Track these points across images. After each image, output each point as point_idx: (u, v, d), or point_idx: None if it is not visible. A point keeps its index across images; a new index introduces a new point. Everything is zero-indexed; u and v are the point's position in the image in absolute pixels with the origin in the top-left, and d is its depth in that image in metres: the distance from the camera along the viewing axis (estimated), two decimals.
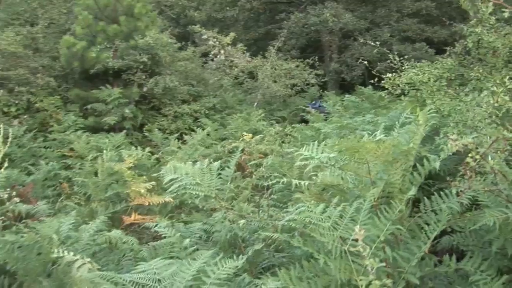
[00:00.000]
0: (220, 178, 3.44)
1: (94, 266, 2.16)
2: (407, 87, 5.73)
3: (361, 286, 1.88)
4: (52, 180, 7.49)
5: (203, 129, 9.21)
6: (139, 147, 7.52)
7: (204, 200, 3.22)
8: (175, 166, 3.41)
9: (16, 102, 10.44)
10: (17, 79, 10.67)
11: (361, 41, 8.79)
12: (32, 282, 3.46)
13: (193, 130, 9.70)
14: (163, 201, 5.98)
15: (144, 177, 6.28)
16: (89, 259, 2.21)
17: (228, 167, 3.60)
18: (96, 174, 6.71)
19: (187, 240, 2.84)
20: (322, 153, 2.73)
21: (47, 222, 3.72)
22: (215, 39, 13.68)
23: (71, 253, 2.33)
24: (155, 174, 5.42)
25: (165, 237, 3.99)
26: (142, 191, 5.98)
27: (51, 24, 13.40)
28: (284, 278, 2.20)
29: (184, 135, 9.46)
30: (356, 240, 1.89)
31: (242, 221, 2.93)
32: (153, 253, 3.86)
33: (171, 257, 2.58)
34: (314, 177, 2.77)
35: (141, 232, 5.78)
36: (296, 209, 2.41)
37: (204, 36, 13.67)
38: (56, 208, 5.97)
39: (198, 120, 11.26)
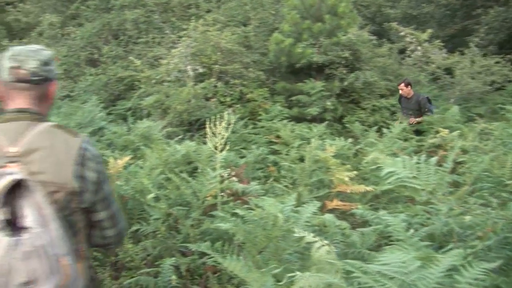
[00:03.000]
0: (438, 172, 3.25)
1: (332, 249, 2.15)
2: None
3: None
4: (260, 163, 7.78)
5: (401, 123, 8.87)
6: (341, 138, 7.50)
7: (423, 193, 3.05)
8: (388, 159, 3.31)
9: (231, 93, 11.17)
10: (232, 73, 11.43)
11: None
12: (256, 254, 3.60)
13: (390, 124, 9.41)
14: (364, 190, 5.88)
15: (348, 166, 6.23)
16: (327, 242, 2.20)
17: (446, 163, 3.38)
18: (301, 160, 6.83)
19: (412, 230, 2.71)
20: None
21: (270, 201, 3.81)
22: (412, 36, 13.15)
23: (311, 234, 2.34)
24: (367, 165, 5.36)
25: (370, 225, 3.89)
26: (346, 179, 5.94)
27: (261, 24, 14.05)
28: None
29: (381, 128, 9.22)
30: None
31: (468, 217, 2.71)
32: (361, 239, 3.79)
33: (399, 246, 2.47)
34: None
35: (341, 217, 5.75)
36: None
37: (402, 33, 13.19)
38: (265, 189, 6.19)
39: (395, 114, 10.92)
